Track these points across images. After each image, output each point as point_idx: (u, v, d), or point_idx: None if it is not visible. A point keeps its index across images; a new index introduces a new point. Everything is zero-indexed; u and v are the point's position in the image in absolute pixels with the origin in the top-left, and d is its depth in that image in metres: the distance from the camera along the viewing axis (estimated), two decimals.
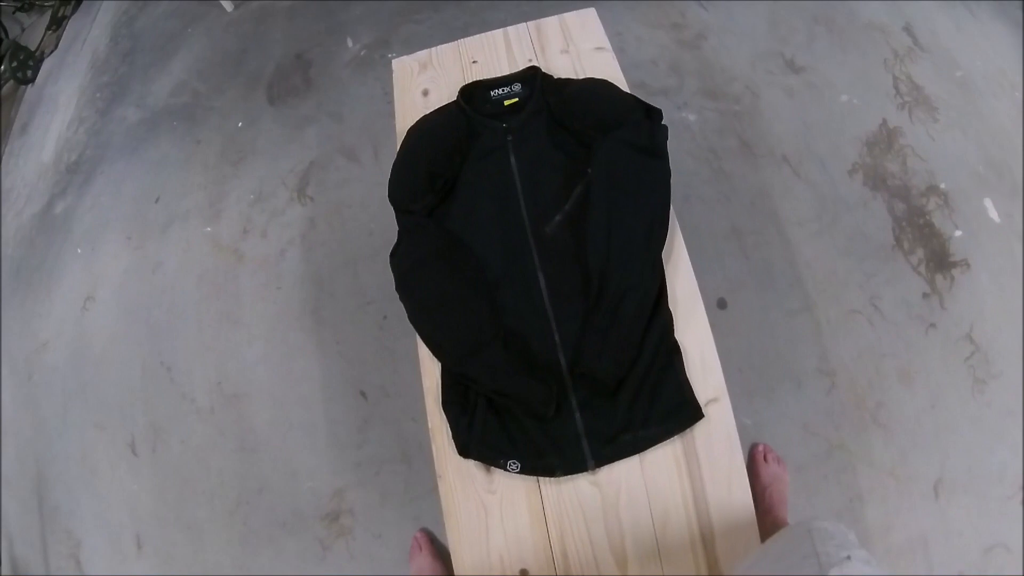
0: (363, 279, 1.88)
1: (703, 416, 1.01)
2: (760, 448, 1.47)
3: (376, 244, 1.89)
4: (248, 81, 2.41)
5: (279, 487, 1.74)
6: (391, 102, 1.38)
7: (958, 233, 1.63)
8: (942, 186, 1.68)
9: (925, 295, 1.57)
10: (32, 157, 2.78)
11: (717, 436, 1.02)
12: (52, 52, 3.20)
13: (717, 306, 1.61)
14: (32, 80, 3.16)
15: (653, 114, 1.17)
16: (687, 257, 1.12)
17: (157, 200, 2.29)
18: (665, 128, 1.16)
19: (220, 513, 1.77)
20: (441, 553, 1.51)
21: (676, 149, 1.17)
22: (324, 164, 2.11)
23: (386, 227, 1.16)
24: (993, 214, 1.64)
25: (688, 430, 1.02)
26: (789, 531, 0.76)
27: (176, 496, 1.83)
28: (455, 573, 1.03)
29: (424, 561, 1.49)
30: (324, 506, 1.68)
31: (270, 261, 2.01)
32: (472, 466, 1.05)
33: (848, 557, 0.63)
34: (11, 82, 3.14)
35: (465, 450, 1.04)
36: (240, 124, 2.32)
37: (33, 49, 3.17)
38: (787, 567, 0.68)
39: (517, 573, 1.01)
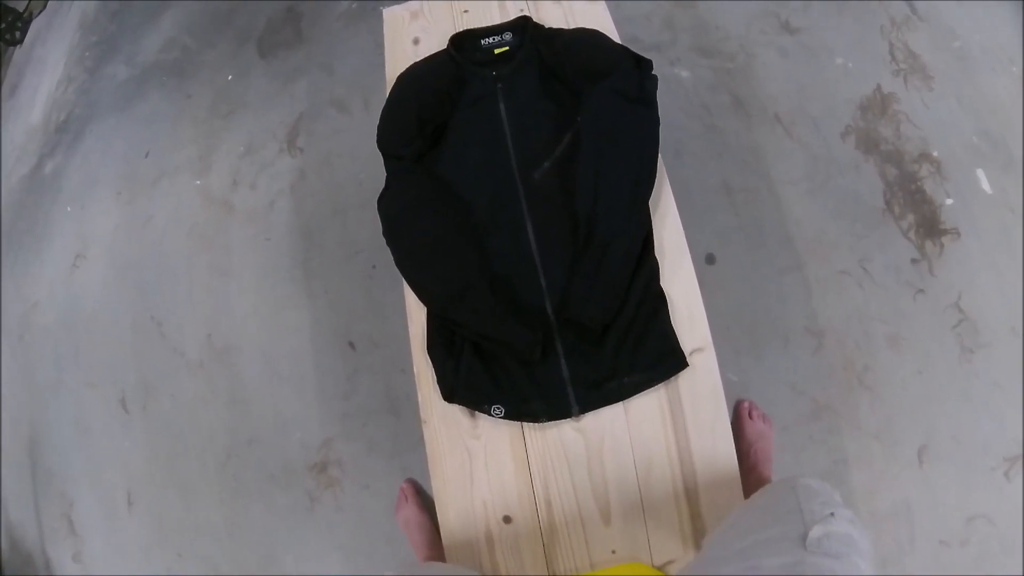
0: (352, 229, 1.87)
1: (688, 365, 1.02)
2: (746, 404, 1.47)
3: (366, 194, 1.88)
4: (238, 35, 2.37)
5: (269, 439, 1.75)
6: (382, 54, 1.36)
7: (949, 201, 1.62)
8: (935, 154, 1.66)
9: (914, 260, 1.57)
10: (21, 119, 2.75)
11: (702, 386, 1.02)
12: (40, 13, 3.14)
13: (705, 261, 1.61)
14: (20, 42, 3.11)
15: (643, 64, 1.16)
16: (675, 208, 1.12)
17: (147, 155, 2.27)
18: (655, 78, 1.15)
19: (211, 467, 1.78)
20: (427, 504, 1.53)
21: (668, 104, 1.16)
22: (314, 116, 2.08)
23: (376, 177, 1.15)
24: (985, 185, 1.63)
25: (673, 379, 1.02)
26: (774, 487, 0.77)
27: (167, 452, 1.85)
28: (439, 518, 1.04)
29: (410, 512, 1.50)
30: (313, 457, 1.69)
31: (260, 213, 2.00)
32: (457, 411, 1.06)
33: (832, 514, 0.64)
34: None
35: (450, 394, 1.04)
36: (230, 78, 2.29)
37: (21, 11, 3.11)
38: (771, 522, 0.68)
39: (501, 519, 1.02)
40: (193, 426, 1.83)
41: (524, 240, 1.09)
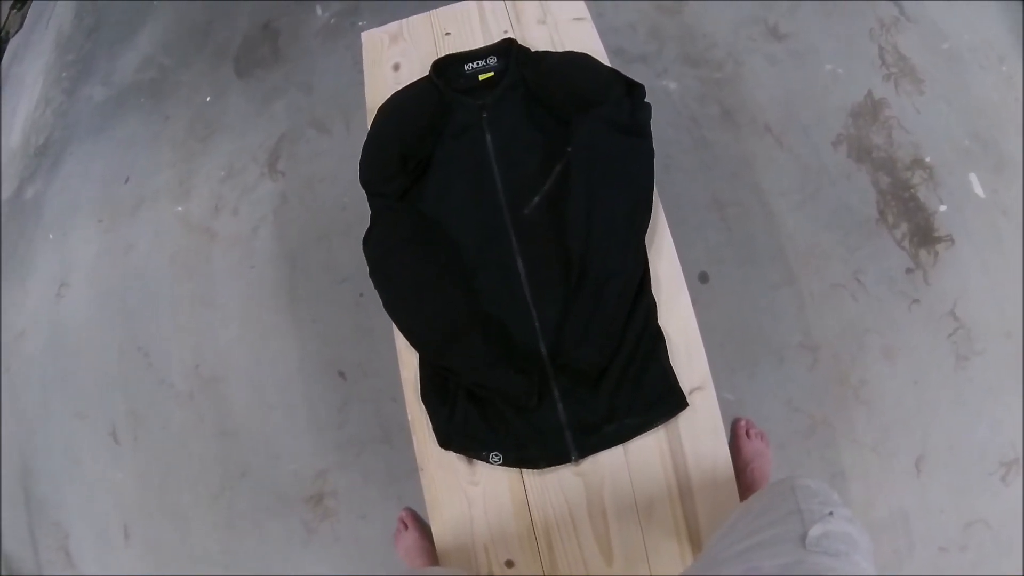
0: (337, 255, 1.85)
1: (687, 405, 1.00)
2: (742, 423, 1.46)
3: (349, 218, 1.86)
4: (215, 53, 2.33)
5: (262, 471, 1.73)
6: (362, 71, 1.34)
7: (943, 208, 1.61)
8: (927, 159, 1.65)
9: (909, 270, 1.56)
10: (1, 142, 2.69)
11: (702, 424, 1.01)
12: (17, 32, 3.05)
13: (699, 280, 1.60)
14: None
15: (635, 90, 1.13)
16: (671, 241, 1.09)
17: (127, 181, 2.23)
18: (648, 106, 1.13)
19: (204, 499, 1.76)
20: (427, 531, 1.51)
21: (656, 118, 1.14)
22: (294, 137, 2.05)
23: (359, 200, 1.14)
24: (978, 189, 1.62)
25: (673, 420, 1.01)
26: (772, 488, 0.76)
27: (160, 483, 1.82)
28: (440, 564, 1.03)
29: (411, 539, 1.48)
30: (307, 488, 1.67)
31: (243, 239, 1.97)
32: (454, 458, 1.04)
33: (830, 513, 0.64)
34: None
35: (446, 442, 1.02)
36: (208, 98, 2.24)
37: None
38: (770, 523, 0.68)
39: (503, 563, 1.01)
40: (185, 457, 1.81)
41: (515, 279, 1.06)
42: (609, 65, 1.19)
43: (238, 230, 1.98)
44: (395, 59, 1.33)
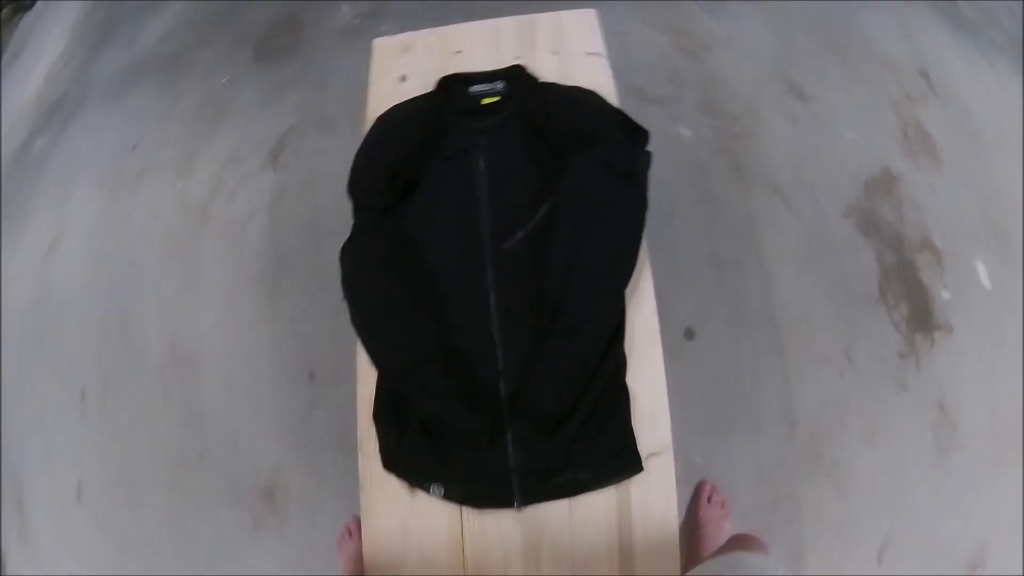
0: (327, 257, 1.77)
1: (643, 469, 0.96)
2: (707, 487, 1.42)
3: (345, 222, 1.79)
4: (237, 36, 2.32)
5: (219, 456, 1.71)
6: None
7: (946, 295, 1.57)
8: (936, 243, 1.61)
9: (902, 355, 1.52)
10: (18, 90, 2.71)
11: (655, 492, 0.97)
12: None
13: (684, 336, 1.55)
14: (30, 7, 3.05)
15: (638, 135, 1.09)
16: (653, 297, 1.05)
17: (134, 148, 2.22)
18: (648, 154, 1.08)
19: (160, 471, 1.74)
20: None
21: (665, 164, 1.11)
22: (301, 132, 2.03)
23: None
24: (985, 280, 1.58)
25: (625, 482, 0.97)
26: (718, 563, 0.75)
27: (119, 450, 1.81)
28: None
29: (353, 549, 1.45)
30: (261, 480, 1.65)
31: (236, 226, 1.94)
32: (397, 484, 1.00)
33: None
34: (9, 8, 3.03)
35: (390, 464, 0.99)
36: (224, 80, 2.24)
37: None
38: None
39: None
40: (147, 429, 1.79)
41: (485, 314, 1.03)
42: (618, 105, 1.16)
43: (233, 216, 1.96)
44: (403, 70, 1.31)
